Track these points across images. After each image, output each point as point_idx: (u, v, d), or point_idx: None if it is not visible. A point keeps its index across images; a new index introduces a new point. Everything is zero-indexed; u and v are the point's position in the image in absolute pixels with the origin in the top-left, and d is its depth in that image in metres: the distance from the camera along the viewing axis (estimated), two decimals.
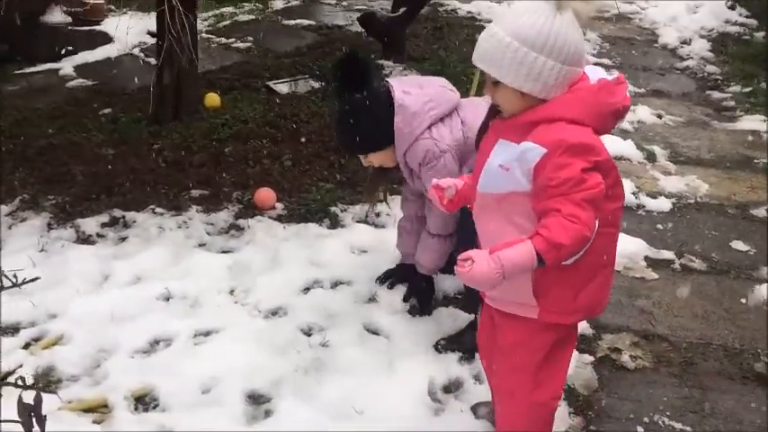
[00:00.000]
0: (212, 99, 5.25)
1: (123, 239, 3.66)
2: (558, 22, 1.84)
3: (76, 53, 6.91)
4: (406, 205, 3.21)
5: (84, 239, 3.66)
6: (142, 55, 6.89)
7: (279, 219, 3.87)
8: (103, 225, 3.78)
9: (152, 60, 6.57)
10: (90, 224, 3.75)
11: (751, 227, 4.07)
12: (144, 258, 3.45)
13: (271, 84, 5.78)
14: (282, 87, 5.72)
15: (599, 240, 1.95)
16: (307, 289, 3.31)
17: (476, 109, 2.76)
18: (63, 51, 6.77)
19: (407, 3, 5.96)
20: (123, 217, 3.83)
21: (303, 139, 4.78)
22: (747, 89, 6.27)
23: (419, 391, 2.75)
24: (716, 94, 6.25)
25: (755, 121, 5.55)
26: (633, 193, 4.27)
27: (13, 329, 3.02)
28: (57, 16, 7.10)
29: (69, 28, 7.06)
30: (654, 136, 5.23)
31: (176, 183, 4.20)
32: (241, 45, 6.99)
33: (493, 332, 2.24)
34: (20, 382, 1.80)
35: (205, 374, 2.79)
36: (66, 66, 6.56)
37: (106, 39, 7.07)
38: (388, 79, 2.88)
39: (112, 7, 7.30)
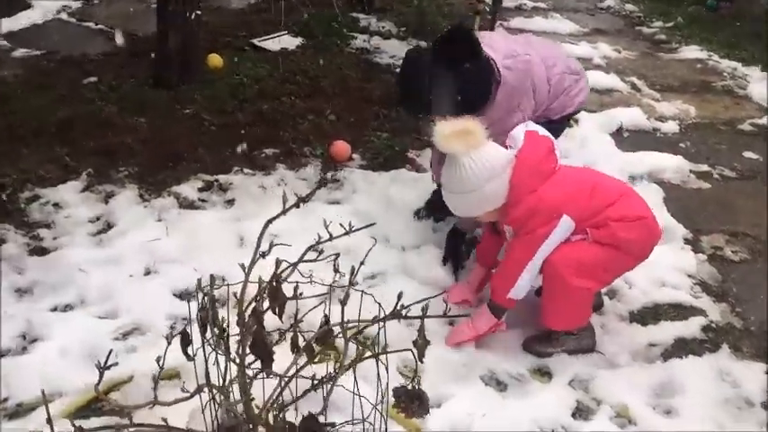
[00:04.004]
0: (215, 60, 5.14)
1: (230, 202, 3.65)
2: (467, 165, 2.49)
3: None
4: None
5: (188, 205, 3.60)
6: (74, 19, 6.46)
7: (364, 168, 4.00)
8: (200, 190, 3.72)
9: (91, 24, 6.28)
10: (187, 190, 3.68)
11: (746, 139, 4.76)
12: (266, 216, 3.44)
13: (256, 42, 5.72)
14: (270, 45, 5.69)
15: None
16: (434, 229, 3.51)
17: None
18: None
19: None
20: (217, 180, 3.79)
21: (330, 93, 4.87)
22: (669, 24, 7.06)
23: None
24: (645, 30, 6.99)
25: (694, 51, 6.32)
26: (647, 119, 4.82)
27: (190, 295, 3.00)
28: None
29: None
30: (624, 69, 5.82)
31: (239, 143, 4.16)
32: None
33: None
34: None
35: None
36: None
37: (23, 4, 6.55)
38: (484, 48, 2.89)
39: None
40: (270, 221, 1.94)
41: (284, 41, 5.75)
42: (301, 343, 2.04)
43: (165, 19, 4.82)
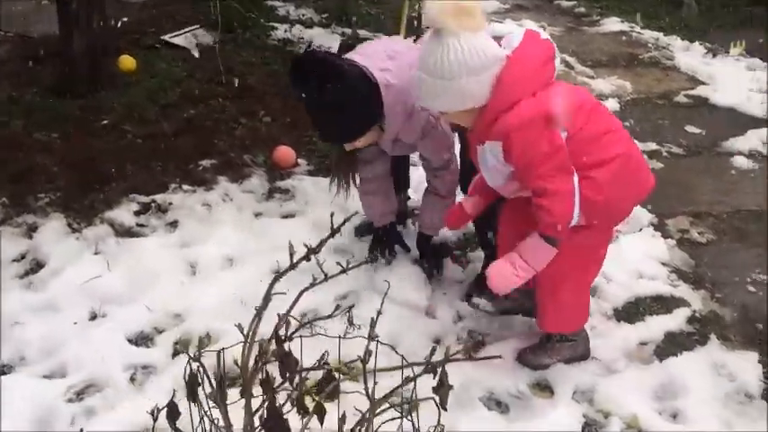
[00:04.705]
0: (128, 62, 4.73)
1: (173, 224, 3.31)
2: (451, 47, 2.06)
3: None
4: (370, 168, 2.95)
5: (126, 232, 3.24)
6: None
7: (313, 174, 3.74)
8: (137, 213, 3.36)
9: None
10: (122, 215, 3.32)
11: (684, 112, 4.77)
12: (217, 238, 3.19)
13: (167, 38, 5.30)
14: (184, 41, 5.28)
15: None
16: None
17: None
18: None
19: None
20: (154, 201, 3.43)
21: (261, 92, 4.55)
22: None
23: None
24: (564, 3, 6.95)
25: (615, 23, 6.33)
26: None
27: (147, 338, 2.69)
28: None
29: None
30: None
31: (171, 156, 3.82)
32: None
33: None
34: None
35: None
36: None
37: None
38: (352, 58, 2.57)
39: None
40: (278, 277, 1.67)
41: (199, 37, 5.36)
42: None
43: (68, 19, 4.39)
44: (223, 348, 1.76)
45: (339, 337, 1.83)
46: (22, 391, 2.39)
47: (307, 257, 1.62)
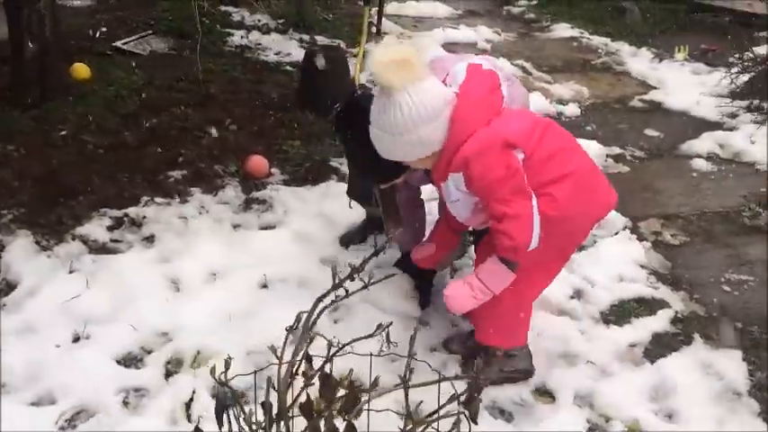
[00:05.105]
0: (82, 70, 4.55)
1: (149, 239, 3.19)
2: (402, 104, 2.09)
3: None
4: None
5: (101, 249, 3.11)
6: None
7: (289, 183, 3.67)
8: (110, 228, 3.23)
9: None
10: (94, 231, 3.18)
11: (641, 116, 4.90)
12: (197, 252, 3.09)
13: (120, 44, 5.13)
14: (138, 47, 5.12)
15: None
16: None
17: None
18: None
19: None
20: (126, 215, 3.30)
21: (223, 100, 4.45)
22: (533, 2, 7.17)
23: None
24: (514, 9, 7.06)
25: (565, 29, 6.46)
26: (549, 103, 4.82)
27: (135, 359, 2.58)
28: None
29: None
30: (509, 52, 5.81)
31: (138, 168, 3.68)
32: None
33: None
34: None
35: None
36: None
37: None
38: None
39: None
40: (321, 298, 1.62)
41: (152, 43, 5.21)
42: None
43: (19, 24, 4.19)
44: (255, 371, 1.70)
45: (371, 354, 1.80)
46: (10, 421, 2.26)
47: (350, 277, 1.57)
